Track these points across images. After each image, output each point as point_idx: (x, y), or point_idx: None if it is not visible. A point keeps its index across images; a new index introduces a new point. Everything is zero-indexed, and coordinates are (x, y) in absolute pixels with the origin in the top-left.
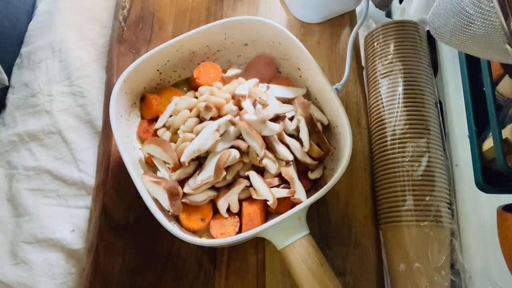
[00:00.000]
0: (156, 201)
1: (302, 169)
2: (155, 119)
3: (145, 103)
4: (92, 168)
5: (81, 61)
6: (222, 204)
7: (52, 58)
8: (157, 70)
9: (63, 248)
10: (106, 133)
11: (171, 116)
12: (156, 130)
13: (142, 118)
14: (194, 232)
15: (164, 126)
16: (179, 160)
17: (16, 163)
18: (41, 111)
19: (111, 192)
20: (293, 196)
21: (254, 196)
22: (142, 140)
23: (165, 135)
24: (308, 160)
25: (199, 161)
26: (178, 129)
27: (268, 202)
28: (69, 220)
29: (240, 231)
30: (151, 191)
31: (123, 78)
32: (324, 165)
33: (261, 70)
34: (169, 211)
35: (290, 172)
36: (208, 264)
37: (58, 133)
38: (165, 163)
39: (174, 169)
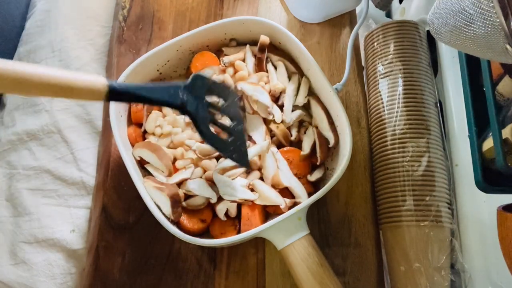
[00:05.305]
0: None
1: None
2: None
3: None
4: (92, 168)
5: (82, 61)
6: (220, 209)
7: (52, 57)
8: (157, 70)
9: (63, 248)
10: (106, 133)
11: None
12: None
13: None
14: (194, 233)
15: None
16: (173, 164)
17: (15, 162)
18: (41, 111)
19: (111, 192)
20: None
21: (258, 202)
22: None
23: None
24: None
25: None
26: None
27: (281, 206)
28: (69, 220)
29: (240, 231)
30: (153, 196)
31: (123, 78)
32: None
33: None
34: (169, 218)
35: (280, 180)
36: (208, 264)
37: (58, 132)
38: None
39: (169, 176)
